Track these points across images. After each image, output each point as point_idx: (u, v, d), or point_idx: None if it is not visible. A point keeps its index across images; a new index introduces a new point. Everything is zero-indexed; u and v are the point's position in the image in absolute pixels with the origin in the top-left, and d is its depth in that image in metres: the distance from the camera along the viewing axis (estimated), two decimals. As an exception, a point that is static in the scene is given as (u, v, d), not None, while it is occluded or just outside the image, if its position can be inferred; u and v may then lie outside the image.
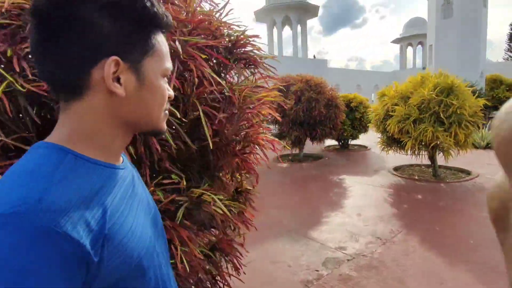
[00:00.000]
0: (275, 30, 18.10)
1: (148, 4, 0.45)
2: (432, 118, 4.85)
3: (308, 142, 7.50)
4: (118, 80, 0.44)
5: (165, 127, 0.54)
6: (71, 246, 0.35)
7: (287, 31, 19.25)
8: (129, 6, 0.43)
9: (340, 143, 9.47)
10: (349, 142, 9.51)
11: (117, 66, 0.43)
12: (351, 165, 6.83)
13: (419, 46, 28.61)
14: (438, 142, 4.78)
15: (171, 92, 0.53)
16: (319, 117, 6.87)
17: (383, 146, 5.62)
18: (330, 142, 9.79)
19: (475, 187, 4.66)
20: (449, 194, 4.40)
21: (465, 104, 4.65)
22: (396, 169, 6.19)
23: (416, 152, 5.14)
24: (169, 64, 0.51)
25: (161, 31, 0.50)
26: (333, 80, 17.33)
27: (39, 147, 0.43)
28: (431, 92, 4.83)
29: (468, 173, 5.64)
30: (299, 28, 17.68)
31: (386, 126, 5.34)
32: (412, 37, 27.58)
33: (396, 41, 29.21)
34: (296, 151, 7.78)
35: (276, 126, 7.56)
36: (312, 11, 17.33)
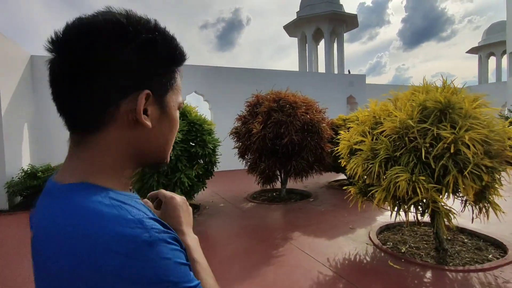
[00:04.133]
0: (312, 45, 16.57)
1: (176, 43, 0.49)
2: (410, 159, 2.93)
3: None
4: (145, 112, 0.45)
5: (169, 159, 0.55)
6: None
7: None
8: (163, 45, 0.46)
9: (349, 178, 7.42)
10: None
11: (147, 99, 0.45)
12: (330, 213, 4.94)
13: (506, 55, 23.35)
14: (420, 199, 2.82)
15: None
16: (291, 146, 5.22)
17: (353, 196, 3.72)
18: (343, 175, 7.80)
19: (492, 289, 2.52)
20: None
21: (465, 138, 2.63)
22: (386, 229, 4.16)
23: (394, 210, 3.20)
24: (181, 98, 0.54)
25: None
26: (377, 98, 14.84)
27: (77, 189, 0.42)
28: (405, 117, 2.93)
29: (502, 249, 3.36)
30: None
31: (350, 165, 3.53)
32: (493, 45, 22.68)
33: (472, 50, 24.41)
34: (276, 185, 6.19)
35: (250, 155, 6.13)
36: (349, 21, 15.21)
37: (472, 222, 3.13)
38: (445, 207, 2.84)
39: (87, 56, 0.41)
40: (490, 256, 3.22)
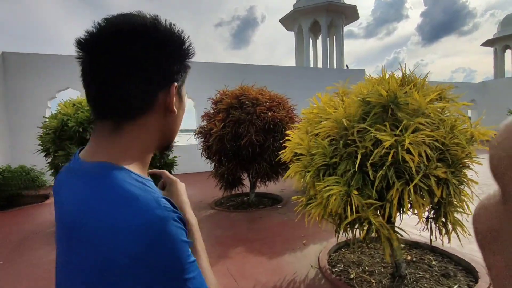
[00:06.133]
0: (310, 40, 15.82)
1: (189, 40, 0.57)
2: (347, 166, 2.35)
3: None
4: None
5: None
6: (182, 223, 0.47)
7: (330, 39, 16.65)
8: (182, 45, 0.56)
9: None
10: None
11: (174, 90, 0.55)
12: (291, 224, 4.37)
13: (525, 48, 21.79)
14: (351, 219, 2.25)
15: None
16: (252, 148, 4.68)
17: (300, 207, 3.14)
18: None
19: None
20: None
21: (405, 140, 2.03)
22: (345, 245, 3.57)
23: (338, 231, 2.63)
24: None
25: None
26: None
27: (108, 168, 0.47)
28: (341, 115, 2.35)
29: (473, 276, 2.73)
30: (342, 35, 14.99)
31: (288, 173, 2.98)
32: (508, 37, 21.24)
33: (487, 43, 22.96)
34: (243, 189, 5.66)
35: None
36: (348, 13, 14.34)
37: (431, 244, 2.52)
38: (386, 229, 2.24)
39: (128, 56, 0.48)
40: (455, 286, 2.60)
